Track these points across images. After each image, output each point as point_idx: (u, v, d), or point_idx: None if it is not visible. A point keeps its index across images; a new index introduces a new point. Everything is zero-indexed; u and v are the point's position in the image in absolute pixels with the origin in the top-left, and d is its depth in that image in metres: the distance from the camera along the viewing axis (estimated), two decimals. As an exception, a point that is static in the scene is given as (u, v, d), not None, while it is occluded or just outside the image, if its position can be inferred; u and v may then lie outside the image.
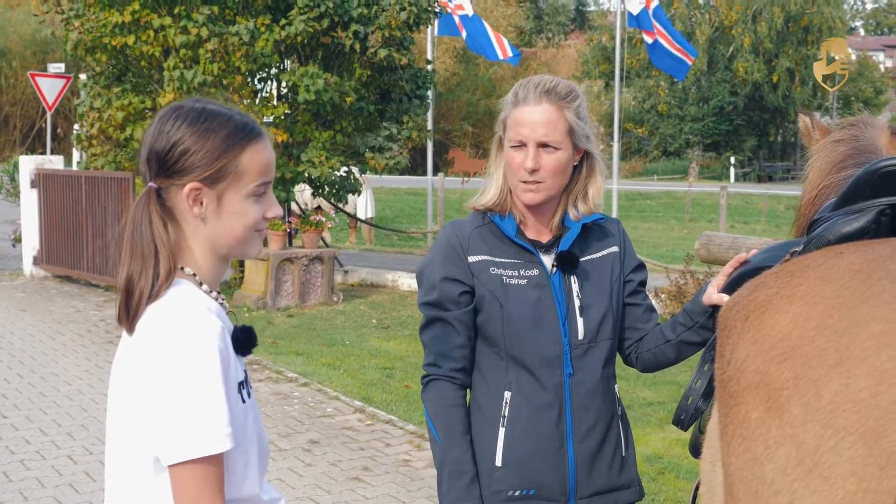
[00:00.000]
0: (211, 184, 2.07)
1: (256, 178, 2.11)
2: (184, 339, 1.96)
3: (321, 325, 11.57)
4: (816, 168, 2.84)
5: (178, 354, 1.94)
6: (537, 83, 2.75)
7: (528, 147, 2.70)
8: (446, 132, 50.72)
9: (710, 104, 53.53)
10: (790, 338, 1.72)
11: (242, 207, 2.10)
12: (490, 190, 2.82)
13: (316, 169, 12.52)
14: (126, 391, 2.04)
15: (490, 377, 2.77)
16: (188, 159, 2.05)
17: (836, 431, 1.54)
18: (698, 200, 32.90)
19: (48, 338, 10.66)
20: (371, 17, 12.64)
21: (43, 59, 40.00)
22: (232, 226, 2.10)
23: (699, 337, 2.77)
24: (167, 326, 1.98)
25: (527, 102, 2.72)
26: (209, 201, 2.08)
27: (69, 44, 12.90)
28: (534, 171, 2.69)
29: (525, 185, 2.72)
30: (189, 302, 2.03)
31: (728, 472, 1.80)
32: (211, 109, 2.12)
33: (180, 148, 2.06)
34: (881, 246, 1.87)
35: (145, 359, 1.98)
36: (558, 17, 76.67)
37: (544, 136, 2.69)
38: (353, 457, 6.73)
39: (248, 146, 2.10)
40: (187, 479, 1.94)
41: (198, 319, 1.99)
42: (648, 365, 2.93)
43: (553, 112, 2.71)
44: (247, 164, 2.09)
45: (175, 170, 2.06)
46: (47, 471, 6.34)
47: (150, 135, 2.11)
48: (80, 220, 14.08)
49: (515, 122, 2.72)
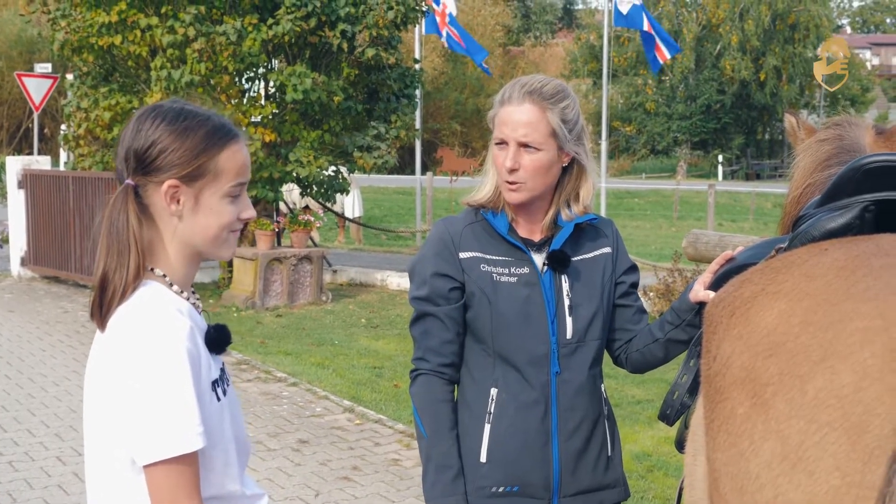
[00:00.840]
0: (189, 182, 2.08)
1: (233, 179, 2.13)
2: (151, 341, 1.97)
3: (310, 324, 11.56)
4: (802, 167, 2.86)
5: (145, 356, 1.96)
6: (524, 83, 2.76)
7: (509, 146, 2.72)
8: (435, 131, 50.69)
9: (698, 102, 53.59)
10: (775, 334, 1.74)
11: (219, 207, 2.12)
12: (485, 187, 2.84)
13: (304, 168, 12.51)
14: (99, 392, 2.06)
15: (477, 373, 2.79)
16: (167, 157, 2.07)
17: (821, 427, 1.55)
18: (686, 199, 32.94)
19: (36, 339, 10.63)
20: (358, 16, 12.64)
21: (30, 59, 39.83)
22: (208, 224, 2.12)
23: (687, 335, 2.78)
24: (135, 329, 2.00)
25: (510, 102, 2.73)
26: (186, 199, 2.09)
27: (56, 44, 12.87)
28: (513, 171, 2.71)
29: (507, 185, 2.74)
30: (158, 303, 2.04)
31: (714, 467, 1.81)
32: (189, 109, 2.14)
33: (159, 146, 2.08)
34: (865, 242, 1.89)
35: (115, 361, 2.00)
36: (546, 16, 76.66)
37: (524, 136, 2.70)
38: (342, 456, 6.73)
39: (227, 146, 2.12)
40: (162, 478, 1.96)
41: (165, 321, 2.01)
42: (638, 365, 2.93)
43: (535, 113, 2.71)
44: (224, 163, 2.12)
45: (153, 168, 2.08)
46: (36, 472, 6.33)
47: (128, 133, 2.12)
48: (68, 221, 14.04)
49: (500, 121, 2.74)
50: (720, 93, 53.70)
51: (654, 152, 56.51)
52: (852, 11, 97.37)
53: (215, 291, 13.58)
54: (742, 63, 52.68)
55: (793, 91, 54.51)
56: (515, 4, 66.69)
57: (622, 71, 54.15)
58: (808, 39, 54.53)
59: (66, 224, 14.09)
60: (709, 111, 53.83)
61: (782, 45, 54.02)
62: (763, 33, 53.23)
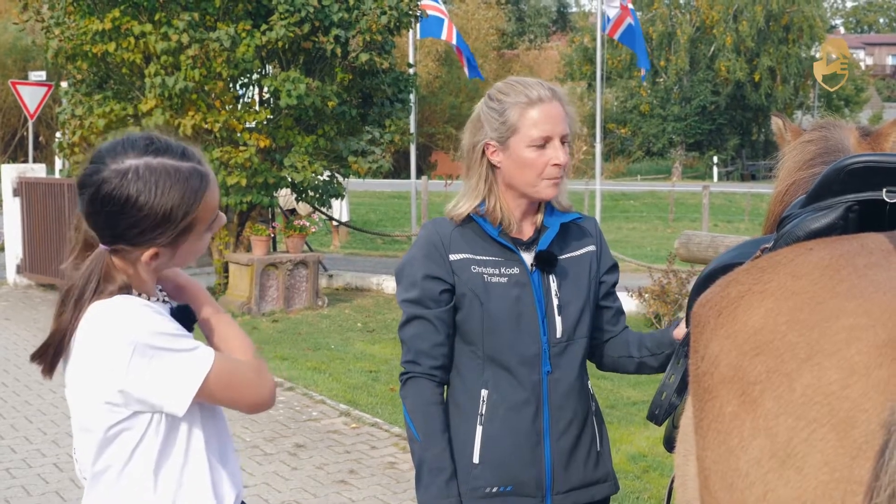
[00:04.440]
0: (169, 245, 2.12)
1: (208, 221, 2.16)
2: (124, 313, 2.03)
3: (306, 329, 11.57)
4: (787, 167, 2.89)
5: (125, 324, 2.01)
6: (539, 83, 2.80)
7: (553, 142, 2.73)
8: (430, 135, 50.71)
9: (693, 104, 53.63)
10: (762, 333, 1.75)
11: (198, 246, 2.18)
12: (469, 200, 2.83)
13: (299, 174, 12.51)
14: (87, 390, 2.07)
15: (466, 375, 2.81)
16: (146, 236, 2.08)
17: (809, 423, 1.57)
18: (681, 200, 32.97)
19: (32, 346, 10.49)
20: (352, 21, 12.64)
21: (24, 67, 39.82)
22: (185, 261, 2.20)
23: (658, 363, 2.89)
24: (105, 315, 2.05)
25: (543, 101, 2.74)
26: (165, 253, 2.14)
27: (50, 52, 12.86)
28: (561, 166, 2.75)
29: (550, 181, 2.76)
30: (129, 300, 2.10)
31: (703, 465, 1.82)
32: (162, 168, 2.08)
33: (137, 230, 2.07)
34: (849, 242, 1.90)
35: (95, 348, 2.04)
36: (540, 19, 76.73)
37: (564, 130, 2.75)
38: (338, 460, 6.74)
39: (202, 198, 2.12)
40: (219, 383, 2.08)
41: (131, 300, 2.07)
42: (607, 368, 3.04)
43: (562, 109, 2.78)
44: (201, 214, 2.12)
45: (133, 244, 2.09)
46: (33, 479, 6.33)
47: (99, 198, 2.06)
48: (64, 229, 14.02)
49: (535, 121, 2.73)
50: (715, 94, 53.77)
51: (650, 154, 56.54)
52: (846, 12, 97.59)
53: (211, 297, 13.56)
54: (736, 64, 52.74)
55: (787, 92, 54.58)
56: (510, 8, 66.71)
57: (616, 73, 54.19)
58: (803, 40, 54.65)
59: (62, 232, 14.07)
60: (703, 112, 53.89)
61: (776, 46, 54.11)
62: (757, 34, 53.30)
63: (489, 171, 2.81)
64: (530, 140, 2.72)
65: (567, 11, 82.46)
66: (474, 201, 2.82)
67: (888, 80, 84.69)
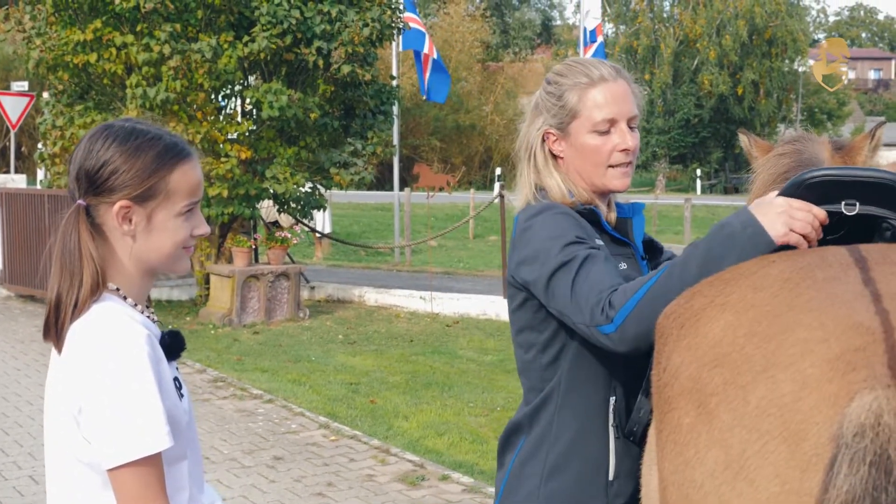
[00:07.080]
0: (140, 202, 2.10)
1: (186, 198, 2.14)
2: (110, 347, 1.99)
3: (287, 341, 11.55)
4: (761, 179, 2.89)
5: (107, 361, 1.98)
6: (600, 61, 2.54)
7: (619, 125, 2.47)
8: (413, 147, 50.74)
9: (676, 117, 53.89)
10: (721, 345, 1.77)
11: (172, 225, 2.14)
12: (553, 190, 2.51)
13: (280, 185, 12.51)
14: (61, 410, 2.06)
15: (588, 383, 2.47)
16: (118, 178, 2.08)
17: (762, 435, 1.59)
18: (665, 213, 33.06)
19: (11, 357, 10.58)
20: (334, 33, 12.66)
21: (6, 76, 39.65)
22: (161, 243, 2.13)
23: None
24: (93, 339, 2.02)
25: (606, 79, 2.47)
26: (139, 219, 2.10)
27: (31, 62, 12.85)
28: (630, 152, 2.48)
29: (618, 170, 2.49)
30: (113, 314, 2.06)
31: (662, 476, 1.83)
32: (140, 129, 2.14)
33: (110, 167, 2.08)
34: (810, 255, 1.92)
35: (76, 371, 2.02)
36: (525, 32, 77.04)
37: (632, 111, 2.49)
38: (317, 472, 6.73)
39: (178, 166, 2.13)
40: (129, 481, 1.97)
41: (123, 328, 2.03)
42: None
43: (629, 89, 2.52)
44: (177, 183, 2.13)
45: (104, 188, 2.09)
46: (9, 491, 6.30)
47: (79, 153, 2.12)
48: (44, 240, 13.97)
49: (598, 103, 2.46)
50: (698, 107, 54.03)
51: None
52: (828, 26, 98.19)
53: (192, 309, 13.55)
54: (720, 77, 53.04)
55: (770, 105, 54.93)
56: (494, 21, 66.93)
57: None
58: (786, 54, 55.00)
59: (42, 243, 14.03)
60: (687, 125, 54.13)
61: (760, 60, 54.44)
62: (740, 48, 53.63)
63: (553, 164, 2.54)
64: (593, 124, 2.46)
65: (551, 24, 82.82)
66: (563, 193, 2.50)
67: (870, 94, 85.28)
